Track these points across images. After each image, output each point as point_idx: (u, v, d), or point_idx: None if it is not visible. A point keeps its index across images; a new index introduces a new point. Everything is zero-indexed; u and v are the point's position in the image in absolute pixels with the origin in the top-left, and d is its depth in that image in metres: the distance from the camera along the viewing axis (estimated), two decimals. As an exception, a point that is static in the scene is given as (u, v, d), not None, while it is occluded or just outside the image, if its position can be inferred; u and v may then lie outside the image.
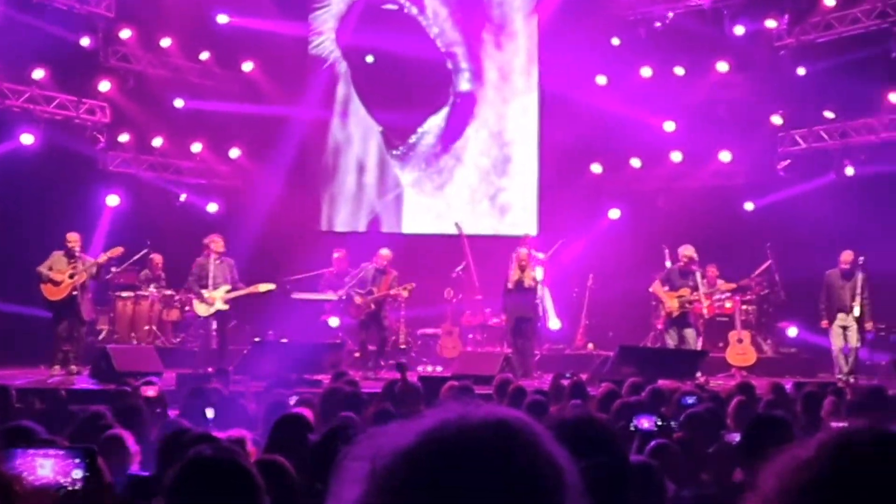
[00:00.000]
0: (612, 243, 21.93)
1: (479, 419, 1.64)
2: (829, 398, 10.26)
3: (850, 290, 17.43)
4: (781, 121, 20.81)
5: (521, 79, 22.99)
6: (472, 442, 1.60)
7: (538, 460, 1.64)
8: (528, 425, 1.67)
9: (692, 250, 18.05)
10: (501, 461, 1.60)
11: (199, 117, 21.07)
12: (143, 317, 19.22)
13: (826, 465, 1.43)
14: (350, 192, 22.78)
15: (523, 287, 18.02)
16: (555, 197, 22.47)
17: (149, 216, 20.02)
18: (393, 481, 1.57)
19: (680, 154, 22.18)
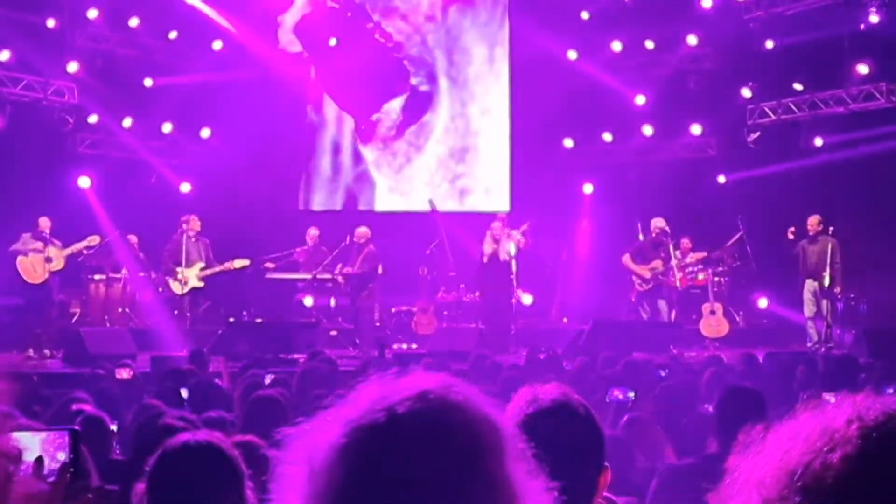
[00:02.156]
0: (585, 217, 22.01)
1: (402, 397, 1.63)
2: (800, 368, 10.35)
3: (818, 255, 17.49)
4: (751, 93, 20.85)
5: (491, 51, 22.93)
6: (401, 423, 1.60)
7: (470, 424, 1.63)
8: (451, 390, 1.66)
9: (663, 222, 18.16)
10: (434, 434, 1.60)
11: (169, 97, 20.96)
12: (117, 298, 19.16)
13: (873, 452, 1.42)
14: (326, 171, 22.74)
15: (497, 261, 18.01)
16: (527, 172, 22.46)
17: (121, 197, 19.90)
18: (333, 480, 1.57)
19: (651, 128, 22.21)
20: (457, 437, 1.61)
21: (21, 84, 18.75)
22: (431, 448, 1.59)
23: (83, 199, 19.51)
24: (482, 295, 18.29)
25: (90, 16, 20.12)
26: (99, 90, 20.18)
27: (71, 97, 19.48)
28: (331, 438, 1.61)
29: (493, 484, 1.62)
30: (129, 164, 20.75)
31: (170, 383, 9.36)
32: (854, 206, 19.13)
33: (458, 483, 1.59)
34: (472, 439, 1.62)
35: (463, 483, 1.59)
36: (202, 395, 8.94)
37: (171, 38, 21.39)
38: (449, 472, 1.59)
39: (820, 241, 17.57)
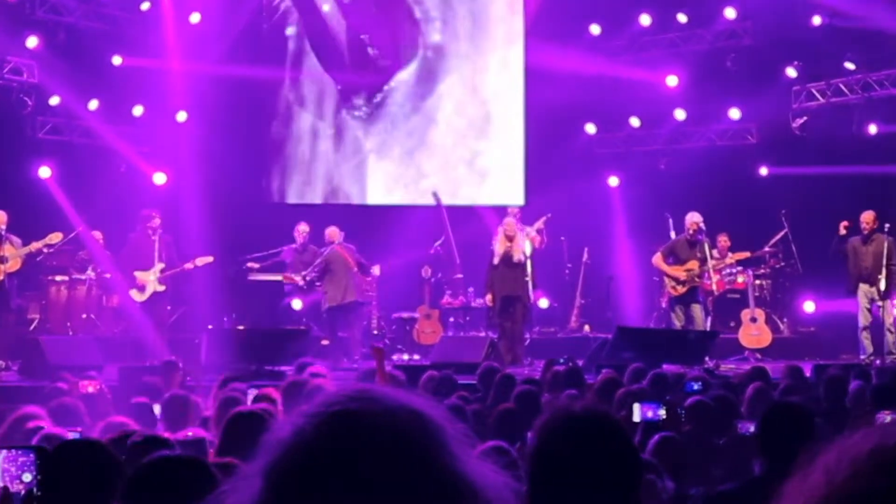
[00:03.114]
0: (609, 213, 22.00)
1: (313, 425, 1.67)
2: (853, 382, 10.32)
3: (873, 256, 17.45)
4: (796, 73, 20.83)
5: (501, 28, 22.93)
6: (316, 453, 1.64)
7: (392, 414, 1.67)
8: (359, 402, 1.69)
9: (699, 217, 18.13)
10: (358, 431, 1.64)
11: (140, 77, 20.96)
12: (80, 303, 19.15)
13: None
14: (302, 158, 22.68)
15: (511, 262, 18.00)
16: (544, 161, 22.43)
17: (86, 189, 19.89)
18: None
19: (684, 112, 22.21)
20: (379, 446, 1.64)
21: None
22: (354, 466, 1.62)
23: (44, 191, 19.50)
24: (493, 300, 18.27)
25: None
26: (61, 68, 20.15)
27: (30, 76, 19.48)
28: (254, 486, 1.65)
29: (431, 473, 1.64)
30: (95, 152, 20.72)
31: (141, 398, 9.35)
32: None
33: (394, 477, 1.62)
34: (396, 443, 1.65)
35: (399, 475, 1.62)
36: (177, 412, 8.93)
37: (144, 10, 21.37)
38: (383, 481, 1.61)
39: (875, 240, 17.53)
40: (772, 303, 19.93)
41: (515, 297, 18.02)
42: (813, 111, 20.73)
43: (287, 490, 1.62)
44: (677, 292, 18.09)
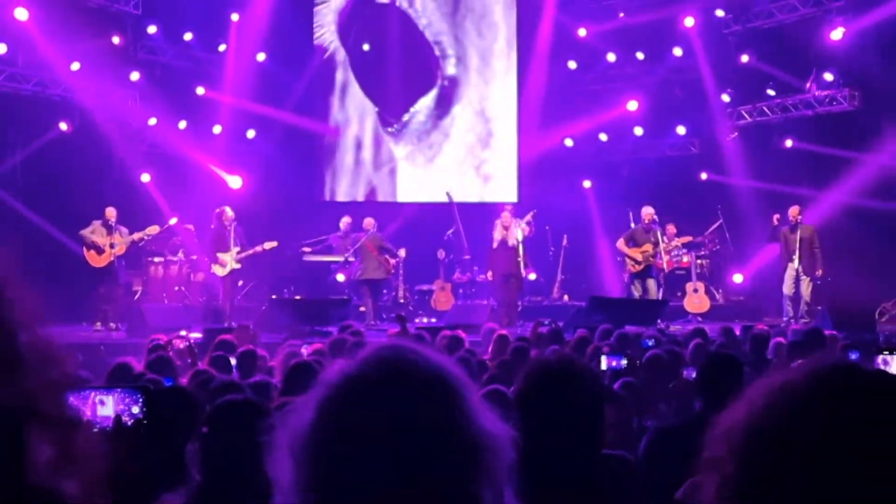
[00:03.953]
0: (584, 208, 22.00)
1: (367, 354, 1.69)
2: (773, 340, 10.31)
3: (798, 241, 17.43)
4: (729, 98, 20.79)
5: (500, 63, 22.92)
6: (367, 373, 1.66)
7: (429, 367, 1.67)
8: (409, 347, 1.71)
9: (652, 210, 18.15)
10: (398, 377, 1.65)
11: (218, 102, 20.97)
12: (173, 279, 19.23)
13: (819, 395, 1.42)
14: (349, 166, 22.73)
15: (506, 246, 18.00)
16: (532, 168, 22.46)
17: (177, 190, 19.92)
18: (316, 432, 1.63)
19: (641, 129, 22.19)
20: (418, 383, 1.65)
21: (90, 91, 18.74)
22: (396, 389, 1.63)
23: (146, 192, 19.53)
24: (493, 275, 18.25)
25: (150, 31, 20.16)
26: (157, 97, 20.16)
27: (134, 102, 19.48)
28: (306, 417, 1.65)
29: (454, 427, 1.64)
30: (184, 162, 20.73)
31: (220, 352, 9.37)
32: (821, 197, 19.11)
33: (423, 431, 1.62)
34: (434, 385, 1.66)
35: (427, 430, 1.62)
36: (248, 363, 8.96)
37: (221, 51, 21.38)
38: (416, 409, 1.62)
39: (800, 228, 17.51)
40: (710, 277, 19.90)
41: (510, 273, 17.99)
42: (742, 128, 20.69)
43: (334, 418, 1.62)
44: (636, 269, 18.07)
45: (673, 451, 3.31)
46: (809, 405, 1.41)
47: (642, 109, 21.88)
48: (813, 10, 19.21)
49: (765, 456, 1.40)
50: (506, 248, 18.01)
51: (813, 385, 1.43)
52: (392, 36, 22.47)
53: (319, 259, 19.69)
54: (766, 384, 1.47)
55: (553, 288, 21.07)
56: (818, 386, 1.43)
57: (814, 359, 1.50)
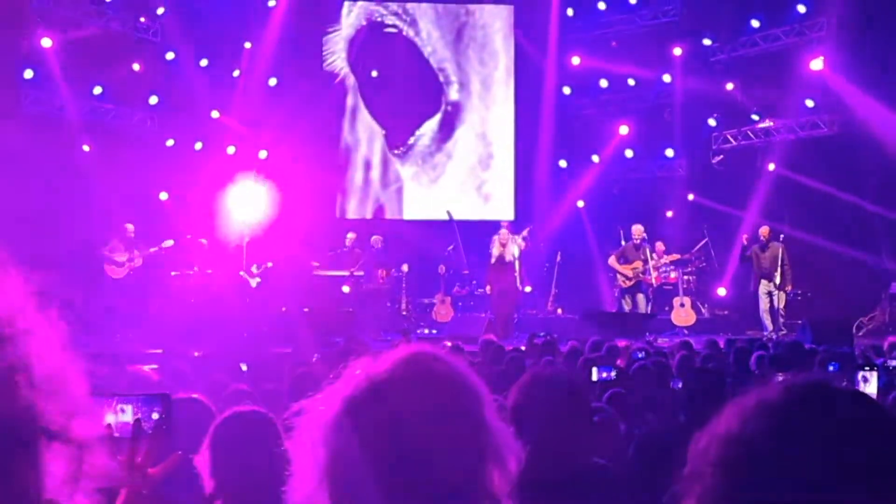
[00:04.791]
0: (577, 226, 22.01)
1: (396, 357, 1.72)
2: (756, 352, 10.31)
3: (770, 259, 17.52)
4: (715, 123, 20.83)
5: (500, 89, 23.00)
6: (394, 376, 1.68)
7: (454, 373, 1.71)
8: (435, 352, 1.75)
9: (642, 229, 18.19)
10: (424, 380, 1.68)
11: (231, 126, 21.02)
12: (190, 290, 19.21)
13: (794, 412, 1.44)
14: (358, 185, 22.79)
15: (504, 261, 18.04)
16: (528, 187, 22.51)
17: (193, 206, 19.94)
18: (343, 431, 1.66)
19: (632, 151, 22.23)
20: (444, 383, 1.69)
21: (111, 114, 18.82)
22: (422, 392, 1.66)
23: (163, 208, 19.56)
24: (491, 289, 18.27)
25: (167, 57, 20.24)
26: (174, 119, 20.23)
27: (153, 124, 19.54)
28: (342, 395, 1.69)
29: (475, 423, 1.68)
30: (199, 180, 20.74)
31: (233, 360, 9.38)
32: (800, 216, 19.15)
33: (448, 420, 1.66)
34: (457, 385, 1.69)
35: (452, 420, 1.66)
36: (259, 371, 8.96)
37: (235, 76, 21.45)
38: (439, 411, 1.65)
39: (770, 247, 17.57)
40: (696, 292, 19.92)
41: (507, 287, 18.03)
42: (727, 151, 20.72)
43: (362, 412, 1.64)
44: (626, 284, 18.10)
45: (660, 457, 3.33)
46: (785, 419, 1.43)
47: (633, 133, 21.92)
48: (795, 40, 19.26)
49: (743, 467, 1.41)
50: (503, 263, 18.03)
51: (789, 400, 1.45)
52: (399, 63, 22.58)
53: (327, 273, 19.69)
54: (745, 400, 1.49)
55: (547, 301, 21.06)
56: (794, 401, 1.45)
57: (790, 375, 1.52)
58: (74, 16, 18.14)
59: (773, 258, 17.46)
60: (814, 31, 18.90)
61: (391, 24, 22.79)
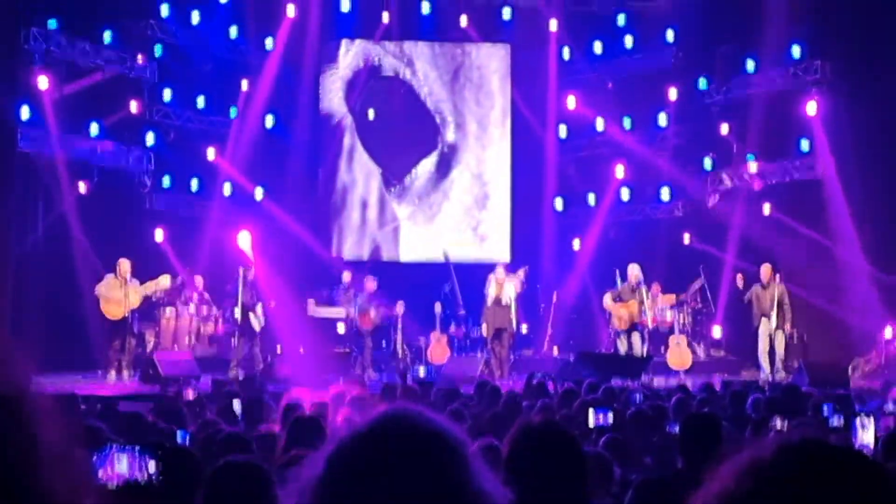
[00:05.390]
0: (573, 266, 22.01)
1: (368, 424, 1.68)
2: (752, 395, 10.30)
3: (770, 299, 17.52)
4: (711, 164, 20.90)
5: (496, 129, 23.11)
6: (366, 442, 1.65)
7: (430, 434, 1.66)
8: (408, 412, 1.71)
9: (638, 269, 18.18)
10: (399, 447, 1.64)
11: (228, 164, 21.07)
12: (184, 330, 19.20)
13: (787, 472, 1.44)
14: (355, 224, 22.82)
15: (500, 302, 18.05)
16: (525, 227, 22.55)
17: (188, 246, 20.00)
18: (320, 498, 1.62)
19: (628, 191, 22.29)
20: (420, 446, 1.64)
21: (107, 152, 18.85)
22: (398, 459, 1.62)
23: (158, 247, 19.58)
24: (487, 330, 18.27)
25: (164, 96, 20.33)
26: (171, 158, 20.30)
27: (148, 163, 19.58)
28: (314, 473, 1.65)
29: (457, 486, 1.63)
30: (195, 220, 20.82)
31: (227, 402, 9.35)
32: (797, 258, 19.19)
33: (428, 488, 1.61)
34: (434, 447, 1.65)
35: (431, 487, 1.61)
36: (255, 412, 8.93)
37: (231, 116, 21.53)
38: (417, 479, 1.61)
39: (770, 286, 17.59)
40: (692, 334, 19.90)
41: (503, 328, 18.03)
42: (723, 193, 20.77)
43: (342, 474, 1.62)
44: (622, 326, 18.09)
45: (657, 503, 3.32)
46: (778, 480, 1.43)
47: (629, 173, 21.99)
48: (791, 82, 19.37)
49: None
50: (499, 304, 18.05)
51: (782, 460, 1.45)
52: (396, 103, 22.72)
53: (323, 313, 19.67)
54: (740, 457, 1.50)
55: (543, 342, 21.04)
56: (787, 461, 1.45)
57: (783, 433, 1.53)
58: (71, 55, 18.20)
59: (773, 298, 17.49)
60: (809, 74, 18.99)
61: (388, 64, 22.92)
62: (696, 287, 19.94)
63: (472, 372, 16.03)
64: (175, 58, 20.58)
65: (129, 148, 19.23)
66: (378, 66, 22.85)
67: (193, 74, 20.91)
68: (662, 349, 18.95)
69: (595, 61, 22.66)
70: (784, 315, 17.54)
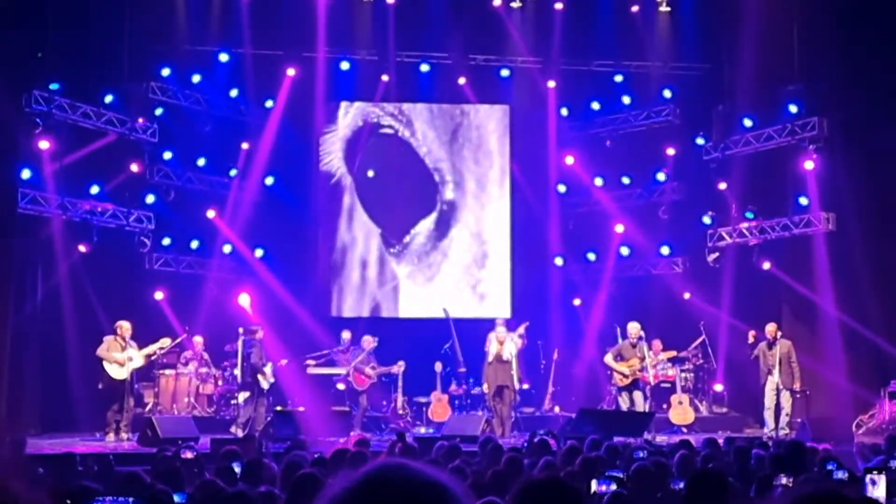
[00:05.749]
0: (573, 323, 21.95)
1: (359, 478, 1.63)
2: (756, 451, 10.19)
3: (776, 356, 17.47)
4: (710, 220, 20.89)
5: (495, 188, 23.12)
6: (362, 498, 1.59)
7: (424, 490, 1.61)
8: (401, 467, 1.65)
9: (639, 326, 18.15)
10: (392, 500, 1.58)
11: (228, 224, 21.08)
12: (183, 390, 19.11)
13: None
14: (355, 283, 22.78)
15: (501, 359, 17.98)
16: (525, 285, 22.51)
17: (189, 306, 19.98)
18: None
19: (628, 249, 22.30)
20: (417, 494, 1.59)
21: (108, 213, 18.86)
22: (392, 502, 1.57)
23: (157, 307, 19.54)
24: (488, 388, 18.18)
25: (165, 157, 20.39)
26: (171, 218, 20.32)
27: (148, 224, 19.59)
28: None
29: None
30: (195, 279, 20.81)
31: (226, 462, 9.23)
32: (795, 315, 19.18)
33: None
34: (432, 495, 1.60)
35: None
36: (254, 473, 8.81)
37: (232, 175, 21.57)
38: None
39: (778, 344, 17.55)
40: (694, 390, 19.83)
41: (504, 385, 17.95)
42: (723, 249, 20.74)
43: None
44: (623, 383, 18.00)
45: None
46: None
47: (628, 230, 22.02)
48: (787, 139, 19.43)
49: None
50: (500, 361, 17.97)
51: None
52: (395, 163, 22.78)
53: (322, 371, 19.60)
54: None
55: (545, 399, 20.92)
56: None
57: (795, 487, 1.50)
58: (73, 118, 18.27)
59: (779, 355, 17.44)
60: (806, 131, 19.05)
61: (387, 124, 23.01)
62: (697, 343, 19.90)
63: (474, 430, 15.91)
64: (176, 118, 20.65)
65: (129, 208, 19.21)
66: (377, 127, 22.95)
67: (194, 135, 20.98)
68: (664, 406, 18.86)
69: (593, 120, 22.76)
70: (793, 373, 17.51)
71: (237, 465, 9.00)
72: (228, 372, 19.16)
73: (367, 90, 22.58)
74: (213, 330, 19.68)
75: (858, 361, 18.24)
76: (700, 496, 5.23)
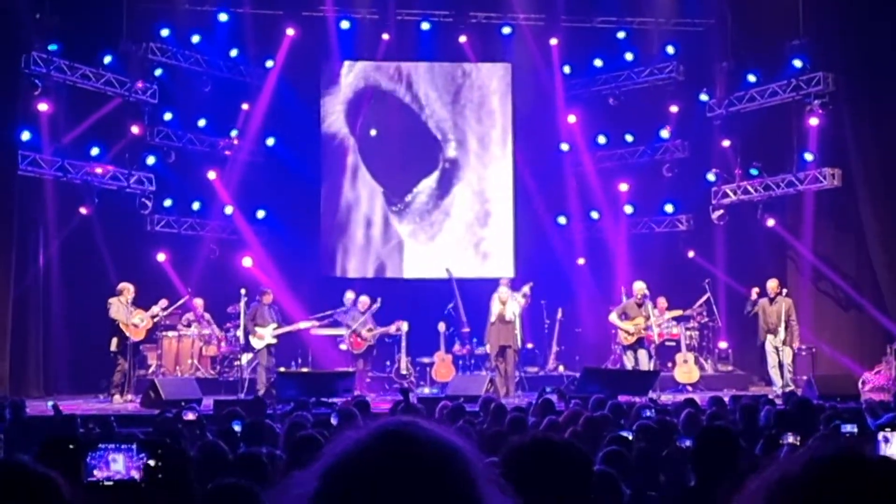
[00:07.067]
0: (578, 283, 21.87)
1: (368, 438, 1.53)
2: (763, 408, 10.11)
3: (776, 314, 17.37)
4: (715, 177, 20.73)
5: (497, 147, 22.96)
6: (367, 460, 1.49)
7: (434, 451, 1.51)
8: (412, 426, 1.56)
9: (644, 285, 18.02)
10: (401, 465, 1.49)
11: (229, 185, 20.98)
12: (186, 352, 19.06)
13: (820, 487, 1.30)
14: (359, 243, 22.68)
15: (504, 319, 17.87)
16: (528, 244, 22.39)
17: (190, 268, 19.92)
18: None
19: (631, 207, 22.15)
20: (423, 465, 1.49)
21: (108, 175, 18.74)
22: (399, 478, 1.47)
23: (159, 269, 19.49)
24: (491, 348, 18.10)
25: (165, 118, 20.25)
26: (172, 179, 20.20)
27: (149, 185, 19.46)
28: (308, 489, 1.50)
29: (462, 496, 1.49)
30: (197, 241, 20.73)
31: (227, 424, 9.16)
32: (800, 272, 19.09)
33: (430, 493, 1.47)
34: (437, 465, 1.50)
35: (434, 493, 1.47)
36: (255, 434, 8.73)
37: (233, 136, 21.46)
38: (419, 484, 1.47)
39: (778, 301, 17.43)
40: (699, 348, 19.77)
41: (507, 345, 17.85)
42: (727, 206, 20.60)
43: (337, 491, 1.47)
44: (628, 341, 17.92)
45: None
46: (813, 497, 1.30)
47: (632, 188, 21.88)
48: (792, 95, 19.23)
49: None
50: (503, 321, 17.87)
51: (815, 476, 1.31)
52: (397, 122, 22.62)
53: (326, 332, 19.54)
54: (767, 475, 1.37)
55: (548, 359, 20.86)
56: (820, 477, 1.31)
57: (810, 448, 1.40)
58: (72, 79, 18.11)
59: (779, 312, 17.32)
60: (811, 86, 18.84)
61: (389, 84, 22.82)
62: (702, 301, 19.82)
63: (478, 390, 15.86)
64: (175, 79, 20.50)
65: (129, 170, 19.08)
66: (379, 86, 22.76)
67: (194, 96, 20.83)
68: (669, 364, 18.80)
69: (596, 77, 22.54)
70: (792, 331, 17.38)
71: (238, 426, 8.92)
72: (231, 333, 19.11)
73: (368, 49, 22.38)
74: (216, 291, 19.64)
75: (863, 318, 18.17)
76: (709, 453, 5.11)
